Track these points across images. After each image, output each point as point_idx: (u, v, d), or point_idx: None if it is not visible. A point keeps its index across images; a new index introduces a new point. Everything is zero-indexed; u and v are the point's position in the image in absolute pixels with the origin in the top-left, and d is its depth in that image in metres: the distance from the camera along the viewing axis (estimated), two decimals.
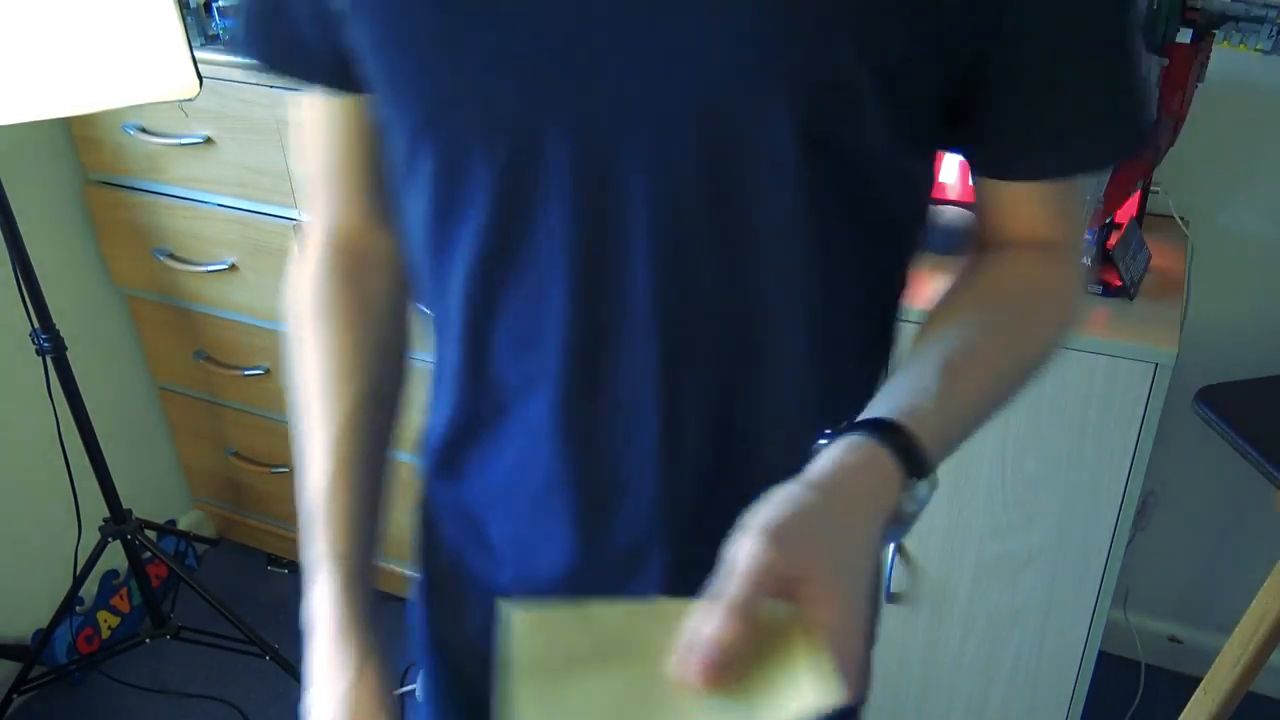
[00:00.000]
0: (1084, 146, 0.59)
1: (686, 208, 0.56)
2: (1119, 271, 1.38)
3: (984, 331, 0.60)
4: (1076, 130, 0.58)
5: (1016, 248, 0.63)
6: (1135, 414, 1.32)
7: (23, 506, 1.99)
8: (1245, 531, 1.87)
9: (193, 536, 2.20)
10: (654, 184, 0.56)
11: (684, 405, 0.62)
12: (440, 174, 0.60)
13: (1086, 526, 1.43)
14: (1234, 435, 1.21)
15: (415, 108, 0.59)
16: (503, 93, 0.56)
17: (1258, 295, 1.66)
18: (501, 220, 0.59)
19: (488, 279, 0.62)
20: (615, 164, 0.55)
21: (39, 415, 1.82)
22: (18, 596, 2.01)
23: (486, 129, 0.57)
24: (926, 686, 1.69)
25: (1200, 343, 1.71)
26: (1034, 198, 0.62)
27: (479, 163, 0.58)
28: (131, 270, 2.01)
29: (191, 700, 2.01)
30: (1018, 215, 0.63)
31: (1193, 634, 2.00)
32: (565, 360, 0.61)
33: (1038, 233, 0.63)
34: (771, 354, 0.62)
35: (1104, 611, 1.48)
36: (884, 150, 0.57)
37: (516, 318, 0.62)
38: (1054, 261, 0.63)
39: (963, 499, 1.49)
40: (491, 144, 0.57)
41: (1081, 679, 1.56)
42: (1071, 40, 0.55)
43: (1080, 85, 0.56)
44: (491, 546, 0.73)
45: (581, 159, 0.56)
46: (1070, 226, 0.64)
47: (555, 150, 0.56)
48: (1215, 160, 1.60)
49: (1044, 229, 0.63)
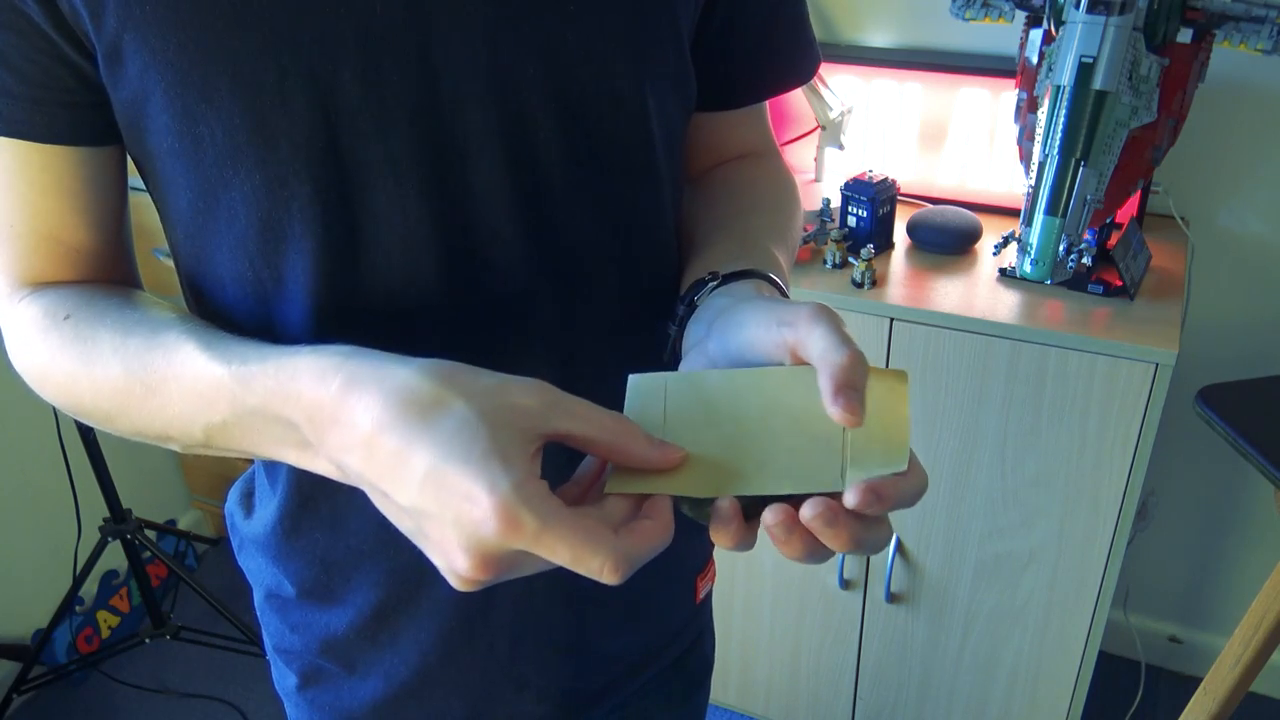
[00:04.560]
0: (789, 71, 0.75)
1: (542, 162, 0.59)
2: (1119, 271, 1.38)
3: (768, 225, 0.71)
4: (784, 60, 0.74)
5: (737, 160, 0.77)
6: (1135, 414, 1.32)
7: (23, 506, 1.99)
8: (1245, 531, 1.87)
9: (192, 536, 2.20)
10: (504, 139, 0.57)
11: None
12: (268, 187, 0.54)
13: (1086, 526, 1.43)
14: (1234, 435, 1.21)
15: (234, 120, 0.53)
16: (340, 82, 0.52)
17: (1258, 295, 1.66)
18: (343, 216, 0.56)
19: (338, 281, 0.58)
20: (463, 124, 0.55)
21: (39, 415, 1.82)
22: (18, 596, 2.01)
23: (324, 123, 0.53)
24: (926, 686, 1.70)
25: (1200, 343, 1.71)
26: (750, 119, 0.76)
27: (315, 159, 0.54)
28: None
29: (191, 700, 2.01)
30: (736, 136, 0.77)
31: (1193, 634, 2.00)
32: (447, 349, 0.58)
33: (753, 146, 0.78)
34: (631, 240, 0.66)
35: (1104, 611, 1.48)
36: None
37: (375, 314, 0.59)
38: (774, 160, 0.79)
39: (963, 499, 1.49)
40: (331, 135, 0.54)
41: (1081, 679, 1.56)
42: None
43: (781, 25, 0.72)
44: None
45: (429, 126, 0.55)
46: (771, 134, 0.81)
47: (403, 124, 0.54)
48: (1215, 160, 1.60)
49: (758, 141, 0.78)
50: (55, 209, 0.58)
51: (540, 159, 0.58)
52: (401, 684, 0.73)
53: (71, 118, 0.55)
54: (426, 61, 0.54)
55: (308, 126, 0.53)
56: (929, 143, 1.66)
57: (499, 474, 0.41)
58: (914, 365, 1.42)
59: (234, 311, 0.60)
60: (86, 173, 0.58)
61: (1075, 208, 1.24)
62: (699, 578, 0.84)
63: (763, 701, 1.86)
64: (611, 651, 0.78)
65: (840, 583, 1.64)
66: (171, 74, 0.51)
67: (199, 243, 0.59)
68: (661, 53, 0.61)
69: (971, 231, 1.53)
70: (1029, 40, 1.32)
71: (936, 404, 1.43)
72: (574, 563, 0.42)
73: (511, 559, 0.43)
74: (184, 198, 0.57)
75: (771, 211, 0.73)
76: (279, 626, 0.75)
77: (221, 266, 0.58)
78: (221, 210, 0.56)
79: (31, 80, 0.53)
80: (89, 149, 0.57)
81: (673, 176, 0.68)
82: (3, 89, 0.53)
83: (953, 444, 1.45)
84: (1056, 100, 1.22)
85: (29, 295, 0.59)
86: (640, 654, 0.81)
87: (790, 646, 1.76)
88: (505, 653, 0.72)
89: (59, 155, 0.57)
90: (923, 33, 1.69)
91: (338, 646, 0.72)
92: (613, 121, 0.60)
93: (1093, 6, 1.18)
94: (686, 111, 0.68)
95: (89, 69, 0.53)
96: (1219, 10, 1.25)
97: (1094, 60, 1.19)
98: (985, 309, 1.37)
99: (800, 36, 0.74)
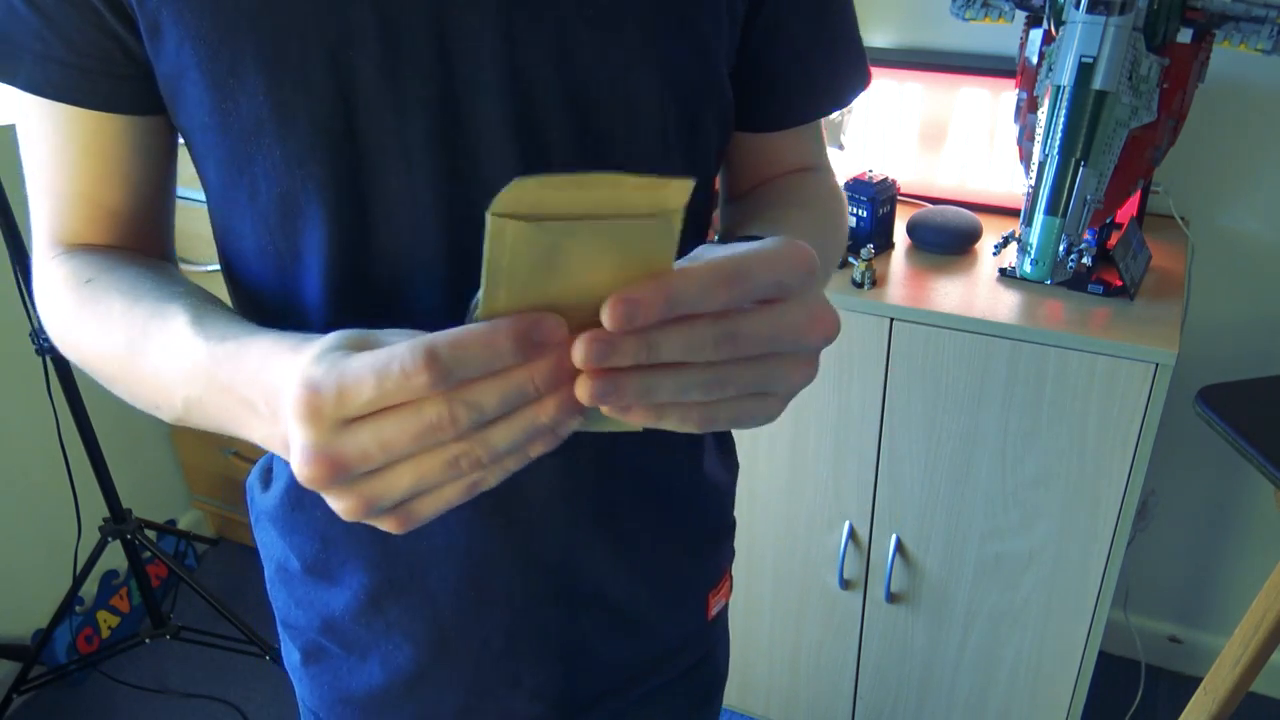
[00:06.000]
0: (833, 93, 0.74)
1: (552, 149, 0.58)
2: (1119, 271, 1.38)
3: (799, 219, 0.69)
4: (828, 82, 0.73)
5: (785, 176, 0.76)
6: (1135, 414, 1.32)
7: (23, 506, 1.99)
8: (1245, 531, 1.87)
9: (192, 536, 2.20)
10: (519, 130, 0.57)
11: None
12: (288, 162, 0.56)
13: (1086, 526, 1.43)
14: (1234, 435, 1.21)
15: (258, 96, 0.55)
16: (360, 64, 0.54)
17: (1258, 295, 1.66)
18: (359, 195, 0.57)
19: (350, 260, 0.59)
20: (476, 118, 0.56)
21: (39, 415, 1.82)
22: (18, 596, 2.01)
23: (345, 103, 0.55)
24: (926, 686, 1.70)
25: (1200, 343, 1.71)
26: (796, 138, 0.75)
27: (333, 140, 0.55)
28: None
29: (191, 700, 2.01)
30: (782, 156, 0.76)
31: (1193, 634, 2.00)
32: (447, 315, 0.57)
33: (804, 163, 0.77)
34: None
35: (1104, 611, 1.48)
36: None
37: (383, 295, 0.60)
38: (821, 175, 0.77)
39: (963, 499, 1.49)
40: (349, 118, 0.55)
41: (1081, 679, 1.56)
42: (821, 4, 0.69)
43: (826, 46, 0.71)
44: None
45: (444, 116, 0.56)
46: (822, 151, 0.79)
47: (420, 116, 0.56)
48: (1215, 160, 1.60)
49: (808, 159, 0.77)
50: (95, 172, 0.61)
51: (552, 157, 0.58)
52: (397, 670, 0.73)
53: (115, 87, 0.58)
54: (444, 53, 0.55)
55: (326, 108, 0.55)
56: (929, 143, 1.66)
57: (304, 359, 0.43)
58: (914, 365, 1.42)
59: (257, 283, 0.62)
60: (128, 140, 0.61)
61: (1075, 208, 1.24)
62: (711, 593, 0.83)
63: (763, 701, 1.86)
64: (610, 659, 0.77)
65: (840, 583, 1.64)
66: (204, 49, 0.54)
67: (227, 215, 0.61)
68: (684, 63, 0.61)
69: (971, 231, 1.53)
70: (1029, 40, 1.32)
71: (936, 404, 1.43)
72: (380, 377, 0.39)
73: (338, 424, 0.41)
74: (214, 171, 0.59)
75: (802, 207, 0.71)
76: (286, 600, 0.76)
77: (245, 239, 0.61)
78: (246, 184, 0.58)
79: (80, 50, 0.57)
80: (131, 117, 0.60)
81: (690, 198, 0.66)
82: (54, 56, 0.57)
83: (953, 444, 1.45)
84: (1056, 100, 1.22)
85: (62, 254, 0.62)
86: (642, 664, 0.80)
87: (790, 646, 1.76)
88: (499, 650, 0.72)
89: (102, 121, 0.60)
90: (923, 33, 1.69)
91: (336, 627, 0.73)
92: (627, 126, 0.60)
93: (1093, 6, 1.18)
94: (721, 126, 0.68)
95: (133, 42, 0.56)
96: (1219, 10, 1.25)
97: (1094, 60, 1.19)
98: (985, 309, 1.37)
99: (845, 57, 0.73)
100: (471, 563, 0.68)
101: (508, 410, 0.41)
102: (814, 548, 1.64)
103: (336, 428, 0.41)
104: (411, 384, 0.39)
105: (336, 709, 0.77)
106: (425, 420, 0.40)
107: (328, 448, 0.41)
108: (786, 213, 0.69)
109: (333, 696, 0.77)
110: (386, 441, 0.40)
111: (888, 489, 1.53)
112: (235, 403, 0.49)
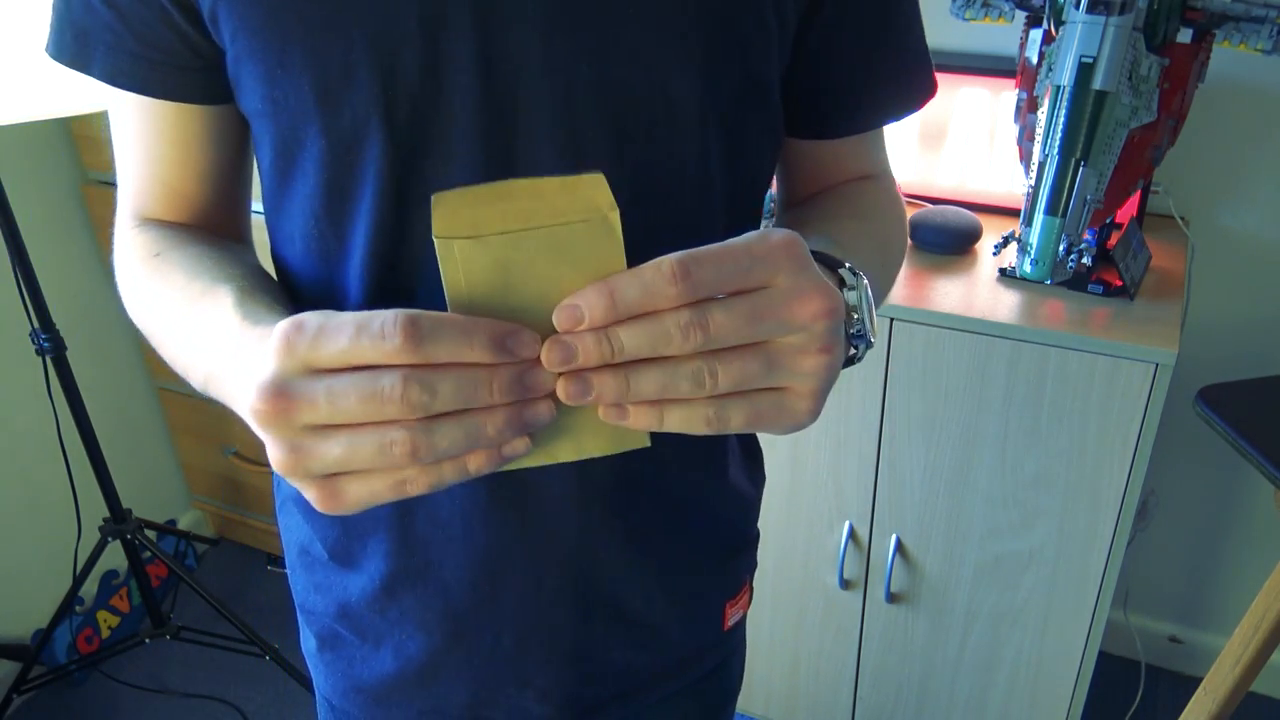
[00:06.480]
0: (903, 97, 0.72)
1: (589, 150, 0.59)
2: (1119, 271, 1.38)
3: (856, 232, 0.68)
4: (896, 86, 0.71)
5: (845, 184, 0.74)
6: (1135, 414, 1.32)
7: (23, 507, 1.99)
8: (1245, 531, 1.87)
9: (192, 536, 2.20)
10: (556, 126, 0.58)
11: None
12: (333, 152, 0.58)
13: (1086, 526, 1.43)
14: (1234, 435, 1.21)
15: (304, 87, 0.57)
16: (401, 58, 0.55)
17: (1258, 295, 1.66)
18: (402, 186, 0.59)
19: (390, 250, 0.60)
20: (515, 114, 0.57)
21: (39, 415, 1.82)
22: (18, 596, 2.01)
23: (386, 96, 0.56)
24: (926, 686, 1.70)
25: (1200, 343, 1.71)
26: (856, 146, 0.73)
27: (376, 131, 0.57)
28: None
29: (191, 700, 2.01)
30: (841, 164, 0.74)
31: (1193, 634, 2.00)
32: None
33: (864, 170, 0.75)
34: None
35: (1104, 611, 1.48)
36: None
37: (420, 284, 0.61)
38: (881, 182, 0.76)
39: (963, 499, 1.49)
40: (391, 110, 0.56)
41: (1081, 679, 1.56)
42: (882, 11, 0.67)
43: (886, 53, 0.69)
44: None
45: (487, 109, 0.57)
46: (883, 158, 0.77)
47: (460, 107, 0.56)
48: (1215, 160, 1.60)
49: (868, 166, 0.75)
50: (167, 157, 0.66)
51: (587, 152, 0.59)
52: (409, 660, 0.74)
53: (181, 78, 0.62)
54: (484, 47, 0.56)
55: (369, 100, 0.56)
56: (929, 143, 1.66)
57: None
58: (914, 365, 1.42)
59: (300, 266, 0.64)
60: (197, 126, 0.65)
61: (1075, 208, 1.24)
62: (728, 604, 0.83)
63: (763, 702, 1.86)
64: (621, 665, 0.77)
65: (840, 583, 1.64)
66: (256, 40, 0.56)
67: (277, 199, 0.64)
68: (723, 64, 0.61)
69: (971, 231, 1.53)
70: (1029, 40, 1.32)
71: (936, 404, 1.43)
72: (359, 328, 0.41)
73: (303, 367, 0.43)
74: (267, 156, 0.62)
75: (858, 218, 0.70)
76: (306, 585, 0.77)
77: (293, 223, 0.63)
78: (295, 171, 0.61)
79: (148, 43, 0.60)
80: (198, 106, 0.64)
81: (731, 190, 0.66)
82: (125, 49, 0.61)
83: (953, 444, 1.45)
84: (1056, 100, 1.22)
85: (139, 226, 0.67)
86: (654, 672, 0.80)
87: (790, 646, 1.76)
88: (510, 648, 0.73)
89: (172, 110, 0.64)
90: None
91: (352, 613, 0.74)
92: (665, 124, 0.60)
93: (1093, 6, 1.18)
94: (768, 132, 0.67)
95: (197, 37, 0.59)
96: (1219, 10, 1.25)
97: (1094, 60, 1.19)
98: (985, 309, 1.37)
99: (909, 64, 0.71)
100: (486, 558, 0.68)
101: (456, 406, 0.42)
102: (814, 548, 1.64)
103: (300, 369, 0.43)
104: (384, 345, 0.41)
105: (350, 696, 0.78)
106: (377, 386, 0.41)
107: (284, 384, 0.43)
108: (842, 225, 0.67)
109: (346, 684, 0.78)
110: (335, 394, 0.42)
111: (888, 489, 1.53)
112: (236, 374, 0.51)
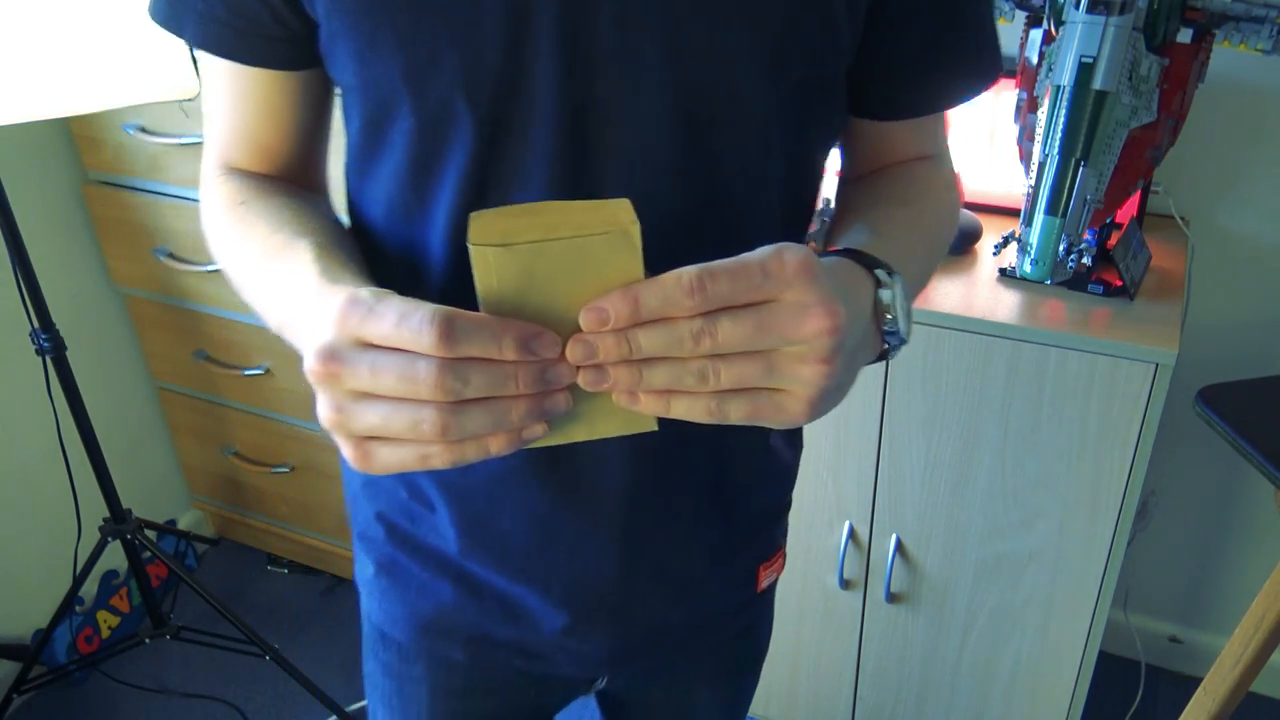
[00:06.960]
0: (965, 80, 0.73)
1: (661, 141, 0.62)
2: (1119, 271, 1.38)
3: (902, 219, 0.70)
4: (961, 71, 0.72)
5: (901, 164, 0.76)
6: (1135, 414, 1.32)
7: (23, 506, 1.99)
8: (1245, 531, 1.87)
9: (192, 536, 2.20)
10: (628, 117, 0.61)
11: None
12: (421, 130, 0.62)
13: (1086, 526, 1.43)
14: (1234, 435, 1.21)
15: (393, 68, 0.60)
16: (486, 46, 0.58)
17: (1258, 295, 1.66)
18: (484, 166, 0.62)
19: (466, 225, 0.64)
20: (592, 102, 0.60)
21: (39, 415, 1.82)
22: (18, 596, 2.01)
23: (470, 81, 0.59)
24: (926, 686, 1.70)
25: (1200, 343, 1.71)
26: (916, 128, 0.75)
27: (462, 113, 0.60)
28: (131, 270, 2.01)
29: (191, 700, 2.01)
30: (904, 143, 0.76)
31: (1193, 634, 2.00)
32: None
33: (923, 152, 0.77)
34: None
35: (1104, 611, 1.48)
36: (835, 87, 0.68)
37: None
38: (936, 163, 0.77)
39: (963, 499, 1.49)
40: (474, 94, 0.59)
41: (1081, 679, 1.56)
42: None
43: (960, 33, 0.70)
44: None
45: (564, 98, 0.59)
46: (944, 138, 0.79)
47: (540, 95, 0.59)
48: (1215, 160, 1.60)
49: (928, 147, 0.77)
50: (254, 115, 0.70)
51: (655, 140, 0.61)
52: (464, 592, 0.78)
53: (267, 46, 0.65)
54: (563, 36, 0.58)
55: (452, 84, 0.59)
56: None
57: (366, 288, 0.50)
58: (914, 365, 1.42)
59: (385, 226, 0.68)
60: (281, 90, 0.69)
61: (1075, 208, 1.24)
62: (762, 566, 0.86)
63: (762, 702, 1.86)
64: (660, 617, 0.80)
65: (840, 583, 1.64)
66: (349, 20, 0.60)
67: (364, 164, 0.67)
68: (790, 58, 0.62)
69: (971, 231, 1.53)
70: (1029, 40, 1.32)
71: (936, 404, 1.43)
72: (402, 317, 0.46)
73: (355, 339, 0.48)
74: (355, 125, 0.66)
75: (907, 204, 0.72)
76: (367, 513, 0.81)
77: (379, 188, 0.67)
78: (383, 144, 0.64)
79: (236, 11, 0.63)
80: (283, 72, 0.67)
81: (788, 183, 0.68)
82: (216, 16, 0.64)
83: (953, 444, 1.45)
84: (1056, 100, 1.22)
85: (225, 174, 0.72)
86: (687, 627, 0.83)
87: (790, 646, 1.76)
88: (559, 596, 0.77)
89: (258, 74, 0.67)
90: None
91: (411, 543, 0.79)
92: (731, 116, 0.62)
93: (1093, 6, 1.18)
94: (829, 123, 0.69)
95: (284, 10, 0.63)
96: (1219, 10, 1.25)
97: (1094, 60, 1.19)
98: (985, 309, 1.37)
99: (976, 48, 0.72)
100: (538, 511, 0.72)
101: (484, 395, 0.47)
102: (814, 548, 1.64)
103: (352, 341, 0.48)
104: (421, 339, 0.46)
105: (400, 624, 0.82)
106: (414, 369, 0.46)
107: (335, 351, 0.48)
108: (889, 212, 0.70)
109: (401, 611, 0.82)
110: (378, 369, 0.47)
111: (888, 489, 1.53)
112: (305, 329, 0.56)
